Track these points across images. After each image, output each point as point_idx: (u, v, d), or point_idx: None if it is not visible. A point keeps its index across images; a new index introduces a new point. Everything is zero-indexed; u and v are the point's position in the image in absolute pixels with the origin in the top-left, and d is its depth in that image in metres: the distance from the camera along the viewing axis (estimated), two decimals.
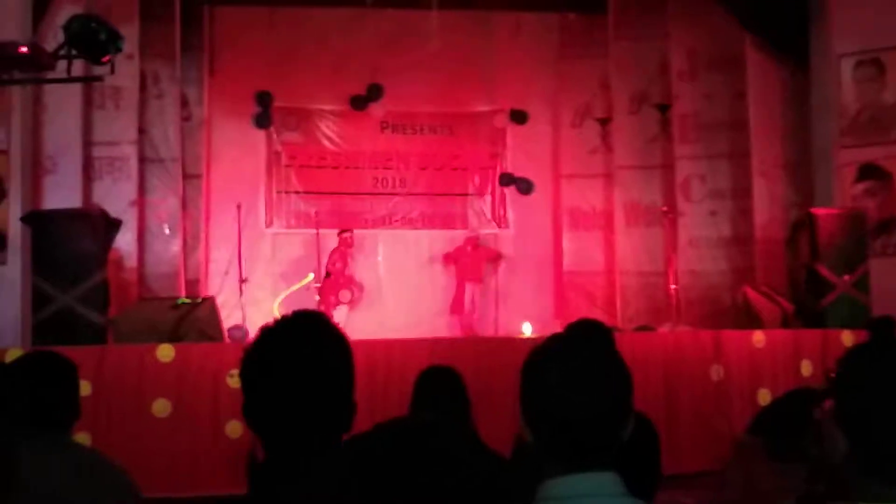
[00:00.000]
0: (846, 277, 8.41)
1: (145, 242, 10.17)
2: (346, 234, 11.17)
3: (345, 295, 11.00)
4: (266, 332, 1.79)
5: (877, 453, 1.53)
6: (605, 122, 11.74)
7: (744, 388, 7.58)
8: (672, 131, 10.94)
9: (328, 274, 10.87)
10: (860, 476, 1.53)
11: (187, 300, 8.30)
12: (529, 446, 1.61)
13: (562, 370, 1.57)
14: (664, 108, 11.10)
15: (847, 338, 7.61)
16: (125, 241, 9.36)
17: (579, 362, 1.59)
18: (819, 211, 8.78)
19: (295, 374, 1.73)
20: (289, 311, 1.86)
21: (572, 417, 1.54)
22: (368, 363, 6.55)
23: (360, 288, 11.36)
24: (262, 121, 11.66)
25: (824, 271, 8.44)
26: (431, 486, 0.91)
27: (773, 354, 7.70)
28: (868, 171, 9.15)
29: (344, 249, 11.11)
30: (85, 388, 6.41)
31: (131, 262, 9.72)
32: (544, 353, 1.64)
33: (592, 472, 1.54)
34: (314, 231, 10.84)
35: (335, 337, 1.79)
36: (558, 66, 12.12)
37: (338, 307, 10.92)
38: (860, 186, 9.18)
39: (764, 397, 7.32)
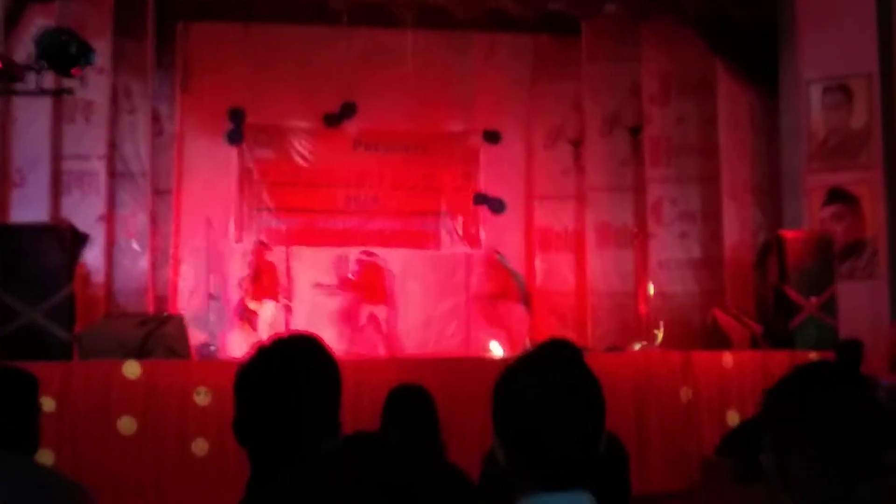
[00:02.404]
0: (814, 300, 8.51)
1: (113, 258, 10.06)
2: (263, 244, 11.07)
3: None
4: (261, 350, 1.86)
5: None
6: (577, 143, 11.82)
7: (713, 409, 7.62)
8: (643, 154, 11.03)
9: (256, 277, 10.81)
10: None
11: None
12: (499, 464, 1.60)
13: (537, 388, 1.57)
14: (636, 131, 11.18)
15: (815, 359, 7.69)
16: (93, 256, 9.26)
17: (555, 381, 1.58)
18: (787, 234, 8.88)
19: (285, 392, 1.79)
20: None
21: (548, 436, 1.52)
22: None
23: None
24: (235, 137, 11.62)
25: (792, 294, 8.53)
26: (394, 501, 0.90)
27: (742, 376, 7.75)
28: (836, 196, 9.27)
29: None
30: (49, 404, 6.34)
31: (99, 277, 9.60)
32: (518, 371, 1.63)
33: (567, 490, 1.53)
34: (284, 248, 10.78)
35: (326, 359, 1.84)
36: (532, 88, 12.20)
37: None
38: (828, 210, 9.30)
39: (732, 419, 7.37)
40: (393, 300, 11.39)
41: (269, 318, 10.48)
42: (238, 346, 10.27)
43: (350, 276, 11.31)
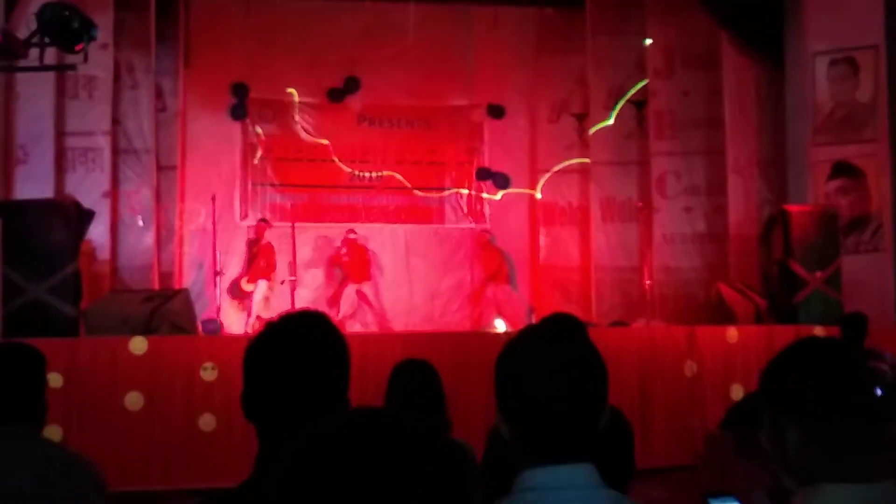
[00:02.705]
0: (818, 274, 8.49)
1: (118, 234, 10.07)
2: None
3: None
4: (270, 327, 1.88)
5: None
6: (581, 117, 11.77)
7: (717, 383, 7.64)
8: (648, 128, 10.99)
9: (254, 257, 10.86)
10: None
11: None
12: (503, 438, 1.60)
13: (539, 363, 1.57)
14: (640, 105, 11.13)
15: (819, 334, 7.69)
16: (98, 232, 9.27)
17: (556, 354, 1.58)
18: (792, 208, 8.85)
19: (286, 368, 1.80)
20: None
21: (550, 410, 1.53)
22: None
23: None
24: (238, 112, 11.59)
25: (797, 268, 8.51)
26: (393, 477, 0.91)
27: (746, 350, 7.76)
28: (841, 169, 9.23)
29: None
30: (56, 380, 6.36)
31: (104, 254, 9.62)
32: (520, 345, 1.63)
33: (570, 463, 1.54)
34: (289, 224, 10.80)
35: (333, 336, 1.86)
36: (536, 62, 12.14)
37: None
38: (833, 184, 9.26)
39: (737, 393, 7.38)
40: (374, 276, 11.44)
41: (262, 297, 10.57)
42: (230, 323, 10.35)
43: (343, 254, 11.33)
